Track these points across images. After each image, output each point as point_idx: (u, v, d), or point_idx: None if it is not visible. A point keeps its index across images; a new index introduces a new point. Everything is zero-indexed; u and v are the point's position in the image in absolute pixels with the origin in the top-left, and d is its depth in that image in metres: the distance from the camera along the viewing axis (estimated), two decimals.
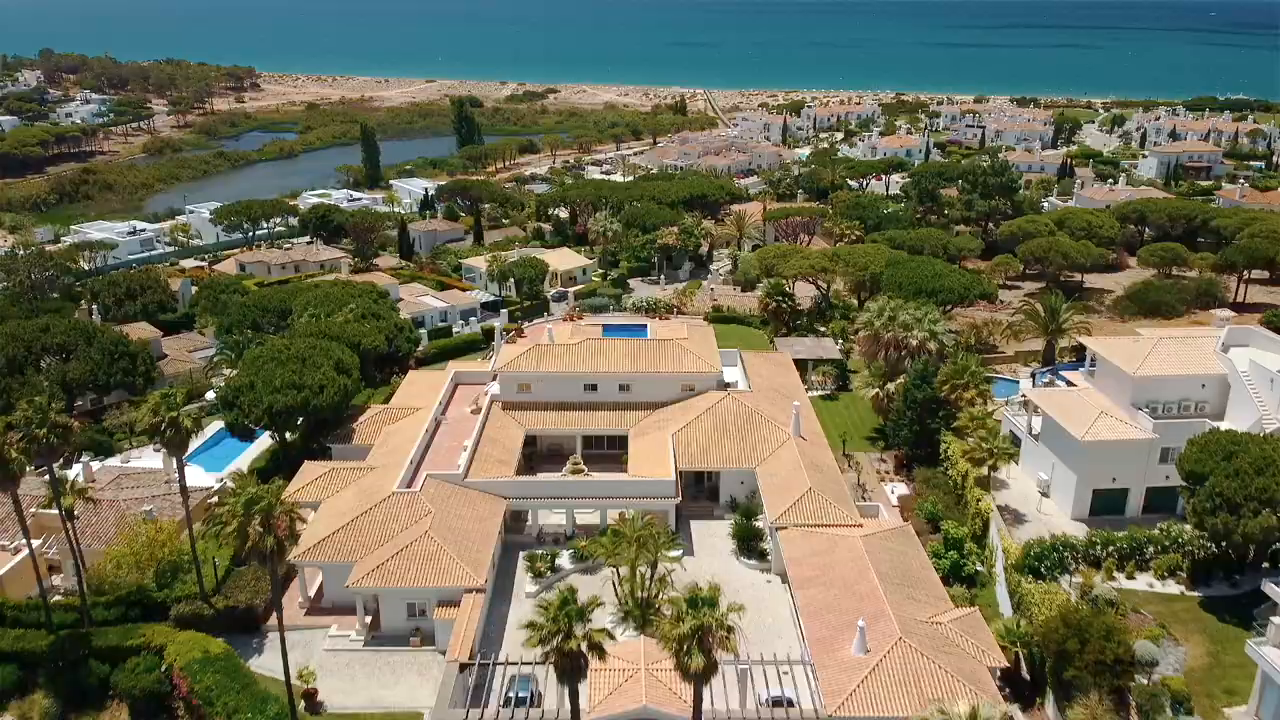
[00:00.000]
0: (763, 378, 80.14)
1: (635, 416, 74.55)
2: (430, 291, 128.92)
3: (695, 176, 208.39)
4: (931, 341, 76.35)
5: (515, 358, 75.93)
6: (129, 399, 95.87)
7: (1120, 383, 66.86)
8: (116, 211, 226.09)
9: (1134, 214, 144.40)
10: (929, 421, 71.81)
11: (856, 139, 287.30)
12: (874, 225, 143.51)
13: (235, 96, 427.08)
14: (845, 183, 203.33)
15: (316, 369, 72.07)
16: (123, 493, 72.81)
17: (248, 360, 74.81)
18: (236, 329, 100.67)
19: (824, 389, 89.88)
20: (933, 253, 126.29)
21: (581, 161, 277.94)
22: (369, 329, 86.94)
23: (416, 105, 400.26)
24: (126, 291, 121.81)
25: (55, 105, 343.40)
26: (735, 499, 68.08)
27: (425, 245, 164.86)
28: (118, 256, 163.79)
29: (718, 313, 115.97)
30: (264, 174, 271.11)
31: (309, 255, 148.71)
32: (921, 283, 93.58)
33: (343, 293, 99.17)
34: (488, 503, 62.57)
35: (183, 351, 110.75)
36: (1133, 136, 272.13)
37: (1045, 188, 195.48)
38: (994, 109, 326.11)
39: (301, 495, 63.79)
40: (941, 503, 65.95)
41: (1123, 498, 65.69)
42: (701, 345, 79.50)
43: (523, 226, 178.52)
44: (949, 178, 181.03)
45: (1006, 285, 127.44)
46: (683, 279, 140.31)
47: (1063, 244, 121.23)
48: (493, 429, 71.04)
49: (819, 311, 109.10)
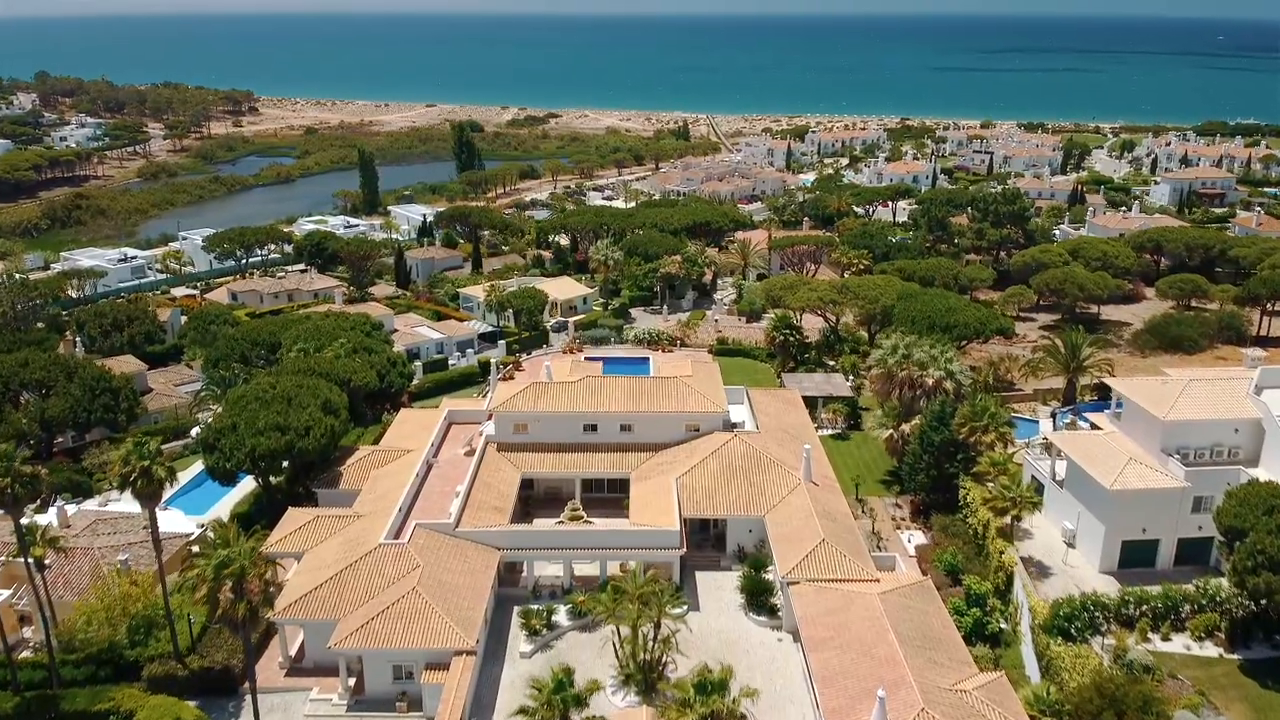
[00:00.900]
0: (771, 417, 77.35)
1: (637, 458, 71.76)
2: (426, 322, 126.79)
3: (698, 203, 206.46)
4: (948, 381, 73.56)
5: (511, 397, 73.23)
6: (111, 436, 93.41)
7: (1149, 427, 64.00)
8: (109, 237, 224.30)
9: (1150, 243, 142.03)
10: (946, 466, 68.91)
11: (862, 165, 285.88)
12: (883, 254, 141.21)
13: (233, 120, 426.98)
14: (851, 209, 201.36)
15: (303, 409, 69.36)
16: (98, 539, 69.82)
17: (231, 400, 72.10)
18: (224, 363, 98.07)
19: (834, 428, 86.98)
20: (944, 283, 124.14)
21: (583, 187, 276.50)
22: (360, 365, 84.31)
23: (416, 130, 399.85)
24: (113, 322, 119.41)
25: (50, 129, 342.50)
26: (743, 548, 65.09)
27: (422, 273, 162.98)
28: (107, 284, 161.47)
29: (722, 345, 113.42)
30: (260, 199, 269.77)
31: (302, 284, 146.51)
32: (935, 317, 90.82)
33: (334, 325, 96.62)
34: (480, 554, 59.61)
35: (169, 385, 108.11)
36: (1143, 162, 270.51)
37: (1056, 215, 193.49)
38: (1001, 134, 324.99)
39: (283, 545, 61.01)
40: (962, 553, 62.89)
41: (1153, 549, 62.64)
42: (706, 383, 76.79)
43: (522, 254, 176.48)
44: (958, 205, 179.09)
45: (1020, 317, 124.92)
46: (686, 309, 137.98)
47: (1078, 275, 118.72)
48: (487, 473, 68.20)
49: (827, 345, 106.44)
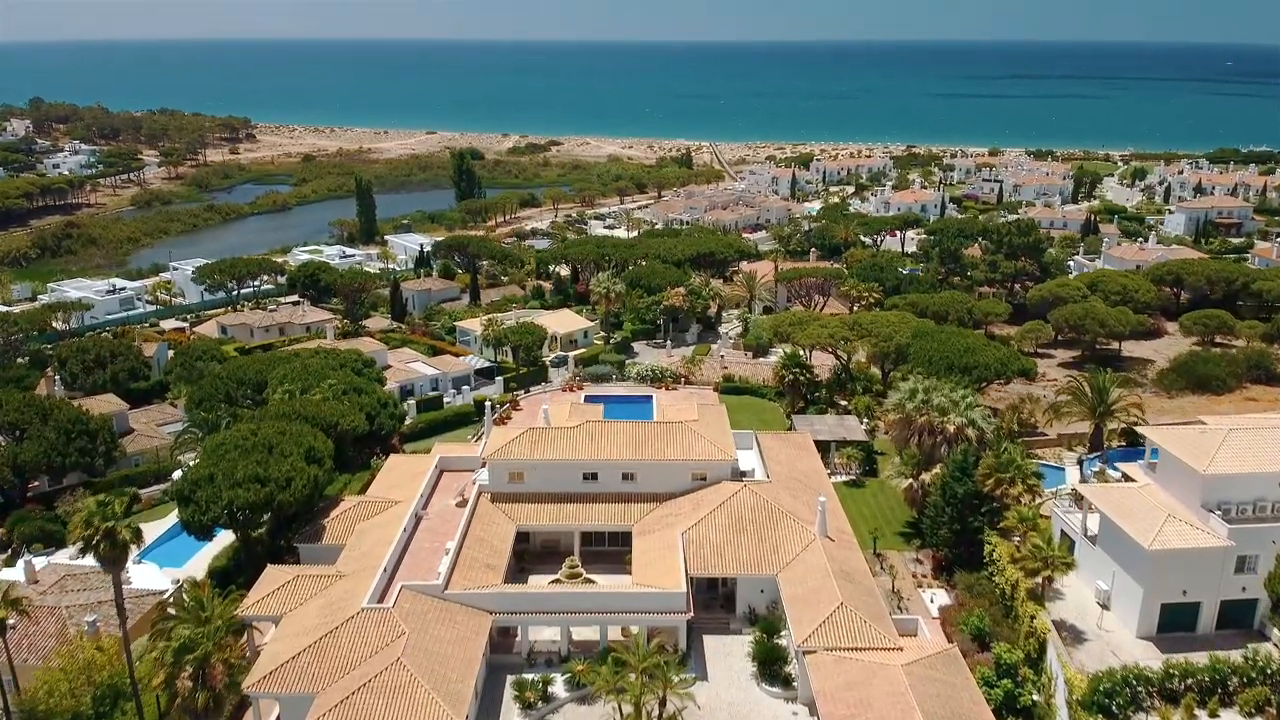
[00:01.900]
0: (782, 464, 73.90)
1: (640, 510, 68.30)
2: (421, 357, 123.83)
3: (702, 233, 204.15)
4: (970, 428, 70.15)
5: (506, 444, 69.86)
6: (88, 480, 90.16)
7: (1188, 480, 60.44)
8: (100, 267, 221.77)
9: (1169, 276, 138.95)
10: (970, 519, 65.36)
11: (868, 193, 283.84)
12: (893, 287, 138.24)
13: (230, 148, 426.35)
14: (859, 239, 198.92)
15: (284, 459, 65.97)
16: (67, 597, 66.29)
17: (208, 449, 68.71)
18: (208, 403, 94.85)
19: (848, 474, 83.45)
20: (958, 318, 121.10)
21: (584, 216, 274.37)
22: (347, 408, 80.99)
23: (416, 157, 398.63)
24: (95, 359, 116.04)
25: (43, 155, 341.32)
26: (754, 610, 61.40)
27: (419, 305, 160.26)
28: (95, 317, 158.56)
29: (728, 383, 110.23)
30: (255, 228, 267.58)
31: (294, 317, 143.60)
32: (953, 357, 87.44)
33: (323, 364, 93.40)
34: (471, 619, 55.96)
35: (151, 425, 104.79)
36: (1155, 190, 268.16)
37: (1069, 245, 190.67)
38: (1010, 162, 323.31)
39: (261, 607, 57.43)
40: (989, 615, 59.22)
41: (1194, 612, 58.93)
42: (714, 428, 73.44)
43: (522, 285, 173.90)
44: (969, 235, 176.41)
45: (1038, 353, 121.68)
46: (690, 342, 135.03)
47: (1099, 311, 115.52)
48: (480, 527, 64.70)
49: (838, 383, 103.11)
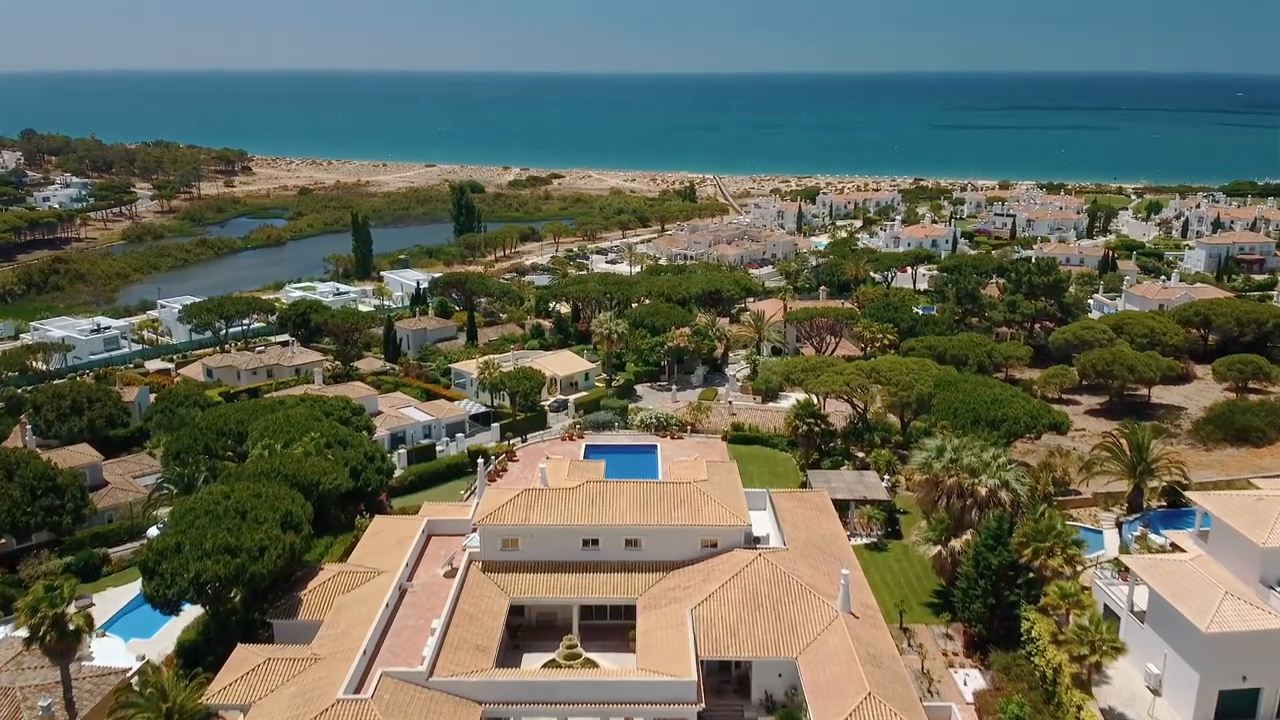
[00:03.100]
0: (798, 528, 69.34)
1: (644, 580, 63.68)
2: (414, 402, 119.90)
3: (707, 269, 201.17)
4: (1004, 491, 65.62)
5: (499, 507, 65.37)
6: (56, 539, 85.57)
7: (1245, 553, 55.86)
8: (87, 304, 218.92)
9: (1196, 317, 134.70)
10: (1006, 593, 60.67)
11: (877, 227, 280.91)
12: (908, 328, 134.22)
13: (225, 180, 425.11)
14: (869, 276, 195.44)
15: (258, 526, 61.47)
16: (21, 676, 61.20)
17: (176, 515, 64.21)
18: (186, 455, 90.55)
19: (869, 536, 78.79)
20: (978, 362, 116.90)
21: (586, 250, 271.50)
22: (330, 465, 76.60)
23: (415, 190, 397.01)
24: (72, 405, 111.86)
25: (33, 188, 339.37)
26: (771, 696, 56.59)
27: (414, 345, 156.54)
28: (78, 356, 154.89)
29: (738, 431, 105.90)
30: (248, 263, 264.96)
31: (283, 359, 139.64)
32: (980, 410, 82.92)
33: (307, 415, 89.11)
34: (457, 710, 51.21)
35: (127, 478, 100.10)
36: (1172, 225, 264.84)
37: (1086, 282, 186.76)
38: (1021, 195, 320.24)
39: (227, 695, 52.76)
40: (1029, 702, 54.41)
41: (1254, 699, 54.28)
42: (725, 488, 69.00)
43: (521, 323, 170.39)
44: (985, 272, 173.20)
45: (1063, 399, 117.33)
46: (696, 384, 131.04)
47: (1127, 356, 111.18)
48: (469, 601, 60.06)
49: (855, 433, 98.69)
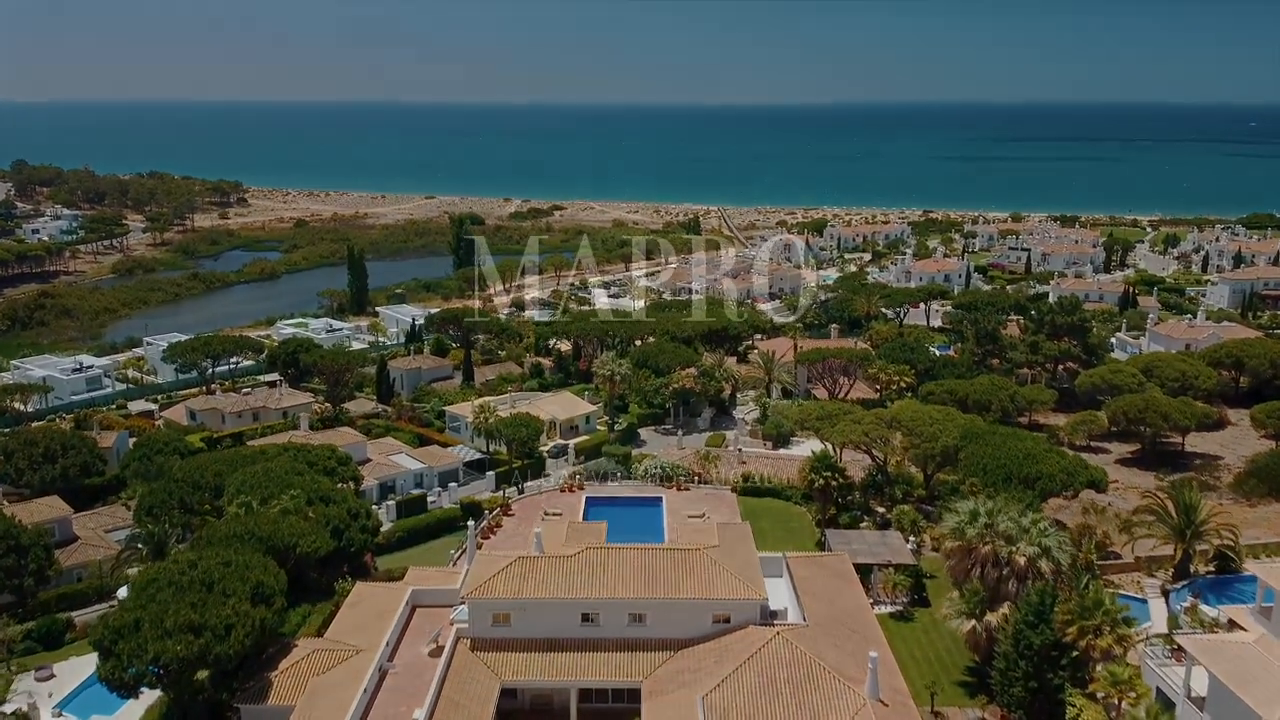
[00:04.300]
0: (819, 599, 63.97)
1: (650, 661, 58.34)
2: (405, 448, 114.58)
3: (712, 305, 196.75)
4: (1044, 560, 60.32)
5: (490, 578, 60.13)
6: (18, 603, 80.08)
7: None
8: (73, 340, 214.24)
9: (1228, 358, 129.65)
10: (1049, 675, 55.26)
11: (886, 261, 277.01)
12: (925, 370, 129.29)
13: (220, 212, 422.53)
14: (881, 312, 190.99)
15: (225, 600, 56.18)
16: None
17: (137, 587, 58.86)
18: (160, 510, 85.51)
19: (893, 603, 73.31)
20: (1001, 408, 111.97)
21: (587, 284, 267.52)
22: (309, 527, 71.36)
23: (413, 222, 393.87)
24: (44, 453, 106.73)
25: (22, 220, 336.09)
26: None
27: (408, 386, 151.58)
28: (59, 397, 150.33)
29: (748, 483, 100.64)
30: (241, 297, 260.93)
31: (270, 401, 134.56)
32: (1011, 466, 77.61)
33: (288, 468, 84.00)
34: None
35: (99, 532, 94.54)
36: (1192, 259, 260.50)
37: (1107, 319, 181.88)
38: (1034, 228, 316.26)
39: None
40: None
41: None
42: (738, 556, 63.78)
43: (519, 361, 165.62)
44: (1002, 309, 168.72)
45: (1091, 447, 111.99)
46: (702, 427, 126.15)
47: (1160, 402, 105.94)
48: (455, 687, 54.69)
49: (874, 485, 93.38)
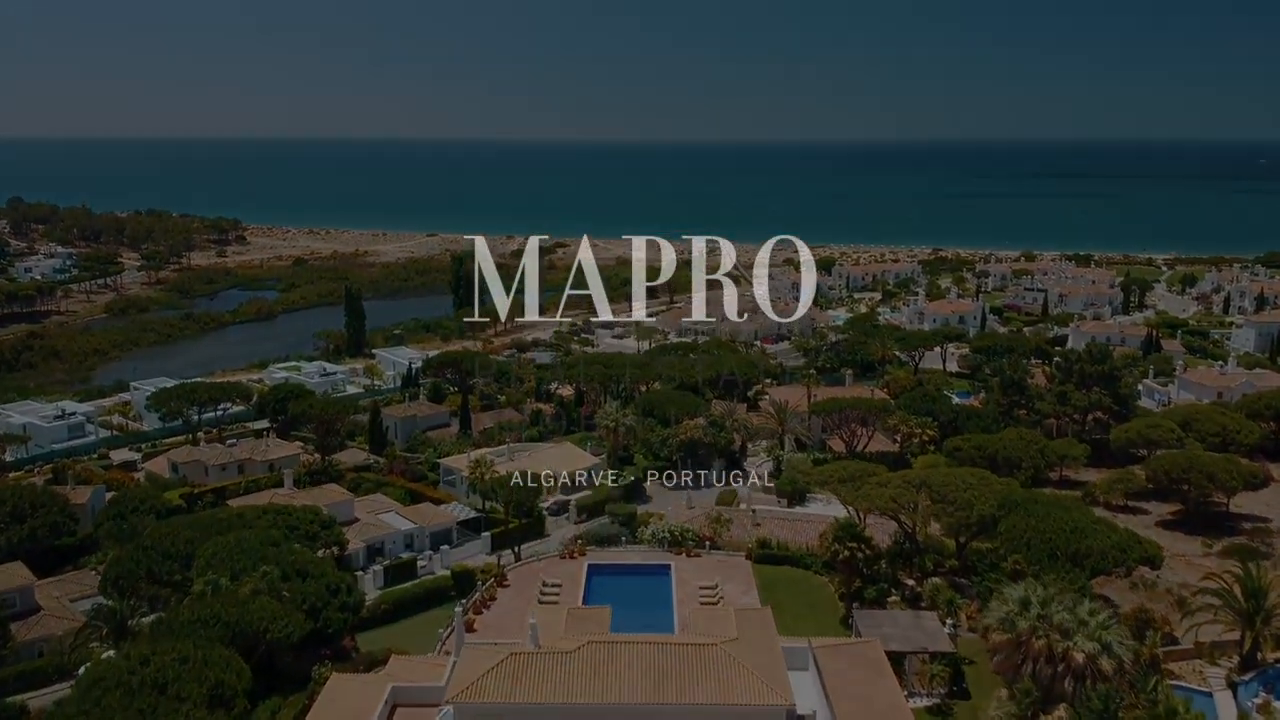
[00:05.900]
0: (851, 698, 57.21)
1: None
2: (395, 506, 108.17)
3: (721, 349, 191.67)
4: (1105, 658, 53.77)
5: (478, 678, 53.49)
6: None
7: None
8: (60, 383, 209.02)
9: (1268, 410, 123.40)
10: None
11: (897, 301, 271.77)
12: (948, 422, 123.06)
13: (218, 250, 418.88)
14: (895, 356, 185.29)
15: (179, 706, 49.76)
16: None
17: (81, 688, 52.52)
18: (125, 582, 79.40)
19: (930, 696, 66.50)
20: (1031, 464, 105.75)
21: (591, 324, 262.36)
22: (281, 610, 64.92)
23: (414, 260, 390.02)
24: (12, 512, 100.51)
25: (15, 259, 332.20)
26: None
27: (402, 435, 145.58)
28: (40, 445, 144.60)
29: (764, 549, 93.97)
30: (236, 338, 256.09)
31: (255, 453, 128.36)
32: (1057, 541, 70.88)
33: (263, 538, 77.64)
34: None
35: (63, 601, 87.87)
36: (1213, 300, 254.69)
37: (1132, 364, 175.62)
38: (1048, 268, 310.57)
39: None
40: None
41: None
42: (760, 649, 57.10)
43: (519, 407, 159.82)
44: (1022, 354, 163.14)
45: (1128, 507, 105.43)
46: (713, 481, 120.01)
47: (1204, 461, 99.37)
48: None
49: (902, 554, 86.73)
